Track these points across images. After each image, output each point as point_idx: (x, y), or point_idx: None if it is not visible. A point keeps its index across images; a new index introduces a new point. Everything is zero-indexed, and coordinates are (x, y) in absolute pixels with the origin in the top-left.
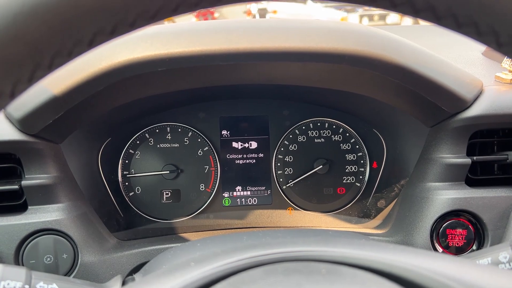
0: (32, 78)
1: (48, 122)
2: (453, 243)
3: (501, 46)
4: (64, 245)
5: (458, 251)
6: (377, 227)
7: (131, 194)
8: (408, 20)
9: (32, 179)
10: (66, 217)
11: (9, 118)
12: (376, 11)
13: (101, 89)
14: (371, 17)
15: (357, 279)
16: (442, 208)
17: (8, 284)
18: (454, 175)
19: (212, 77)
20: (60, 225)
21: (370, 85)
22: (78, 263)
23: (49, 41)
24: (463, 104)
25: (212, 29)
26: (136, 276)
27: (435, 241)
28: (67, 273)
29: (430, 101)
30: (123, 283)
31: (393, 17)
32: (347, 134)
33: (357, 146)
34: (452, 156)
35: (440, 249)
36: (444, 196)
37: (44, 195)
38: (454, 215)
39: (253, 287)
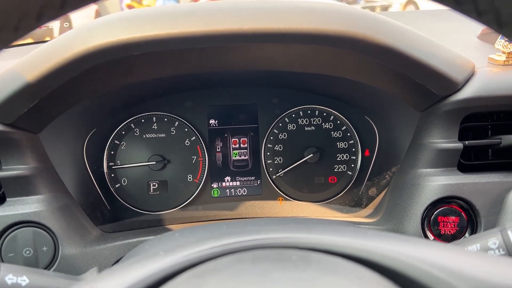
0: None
1: (23, 111)
2: (445, 231)
3: (502, 27)
4: (44, 237)
5: (451, 239)
6: (368, 216)
7: (117, 185)
8: None
9: (9, 170)
10: (46, 208)
11: None
12: (378, 3)
13: (77, 76)
14: (372, 9)
15: (329, 266)
16: (433, 195)
17: None
18: (445, 160)
19: (193, 62)
20: (40, 217)
21: (357, 69)
22: (59, 256)
23: None
24: (454, 86)
25: (190, 11)
26: (113, 267)
27: (426, 229)
28: (48, 266)
29: (419, 84)
30: None
31: (395, 9)
32: (338, 122)
33: (349, 134)
34: (444, 141)
35: (431, 237)
36: (436, 183)
37: (23, 186)
38: (445, 202)
39: (219, 276)
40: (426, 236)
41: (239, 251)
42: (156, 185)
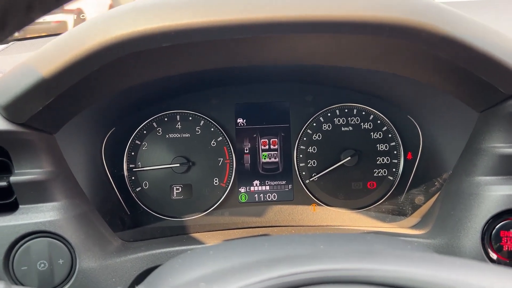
0: None
1: (38, 109)
2: (507, 247)
3: None
4: (60, 249)
5: None
6: (415, 227)
7: (137, 189)
8: None
9: (22, 175)
10: (62, 217)
11: None
12: None
13: (97, 70)
14: None
15: None
16: (496, 207)
17: None
18: (509, 167)
19: (227, 56)
20: (55, 226)
21: (412, 63)
22: (76, 270)
23: None
24: None
25: None
26: None
27: (486, 245)
28: (64, 281)
29: (483, 81)
30: None
31: None
32: (378, 122)
33: (390, 135)
34: (507, 145)
35: (494, 255)
36: (498, 193)
37: (37, 192)
38: (509, 214)
39: None
40: (486, 253)
41: (303, 285)
42: (180, 189)
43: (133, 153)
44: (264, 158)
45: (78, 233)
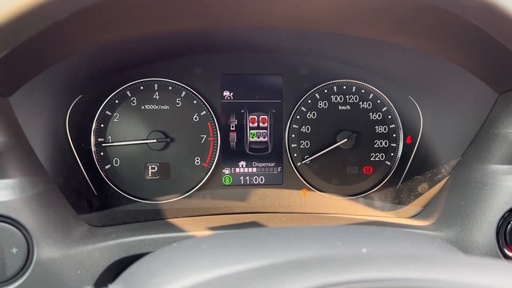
0: None
1: None
2: None
3: None
4: (14, 236)
5: None
6: (417, 217)
7: (107, 167)
8: None
9: None
10: (17, 197)
11: None
12: None
13: (61, 21)
14: None
15: None
16: None
17: None
18: None
19: (217, 12)
20: (8, 208)
21: (434, 31)
22: (33, 260)
23: None
24: None
25: None
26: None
27: (501, 241)
28: (18, 274)
29: None
30: None
31: None
32: (378, 101)
33: (390, 116)
34: None
35: (510, 252)
36: None
37: None
38: None
39: None
40: (501, 249)
41: None
42: (156, 168)
43: (102, 126)
44: (252, 137)
45: (36, 217)
